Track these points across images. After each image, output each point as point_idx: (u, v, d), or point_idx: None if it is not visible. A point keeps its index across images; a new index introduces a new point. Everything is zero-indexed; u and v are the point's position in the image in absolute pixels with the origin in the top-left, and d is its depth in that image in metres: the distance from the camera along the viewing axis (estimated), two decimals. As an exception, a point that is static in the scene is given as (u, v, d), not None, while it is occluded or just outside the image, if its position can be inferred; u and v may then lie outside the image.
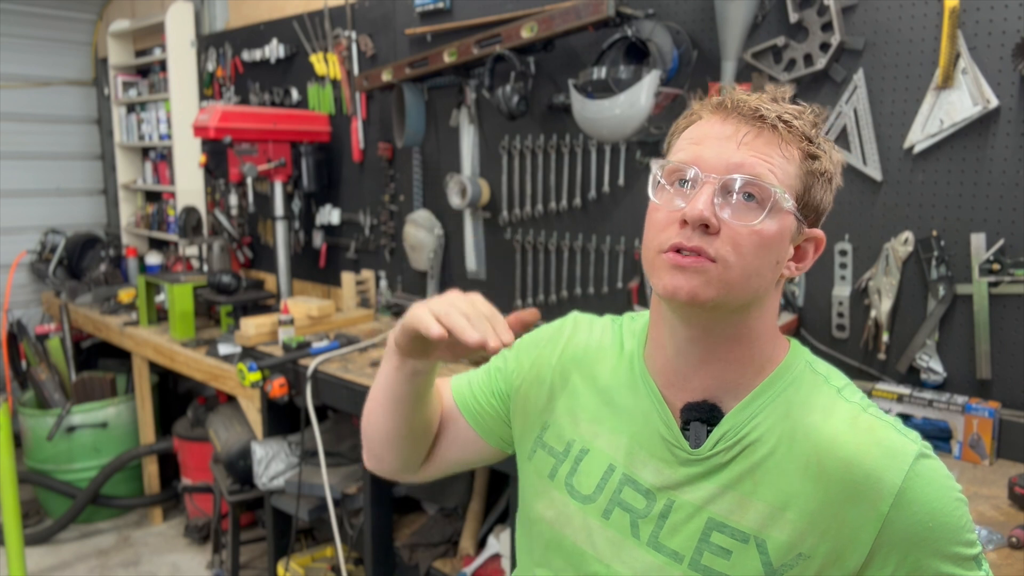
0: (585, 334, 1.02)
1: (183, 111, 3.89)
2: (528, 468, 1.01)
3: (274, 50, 3.42)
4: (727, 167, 0.79)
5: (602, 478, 0.91)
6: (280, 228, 3.18)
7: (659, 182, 0.84)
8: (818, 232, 0.85)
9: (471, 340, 0.79)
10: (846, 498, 0.78)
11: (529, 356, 1.04)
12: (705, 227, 0.78)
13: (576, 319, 1.06)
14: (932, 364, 1.76)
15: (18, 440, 3.61)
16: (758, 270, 0.80)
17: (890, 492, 0.76)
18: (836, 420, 0.81)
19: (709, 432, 0.85)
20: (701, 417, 0.85)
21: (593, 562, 0.90)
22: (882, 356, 1.84)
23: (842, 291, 1.90)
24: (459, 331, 0.80)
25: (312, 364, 2.43)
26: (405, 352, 0.92)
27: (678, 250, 0.79)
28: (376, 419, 1.03)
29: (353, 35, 3.09)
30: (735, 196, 0.79)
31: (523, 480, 1.03)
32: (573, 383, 0.98)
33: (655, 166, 0.85)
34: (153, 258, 4.14)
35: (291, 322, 2.68)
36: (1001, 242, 1.66)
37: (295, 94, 3.40)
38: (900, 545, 0.76)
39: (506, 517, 2.37)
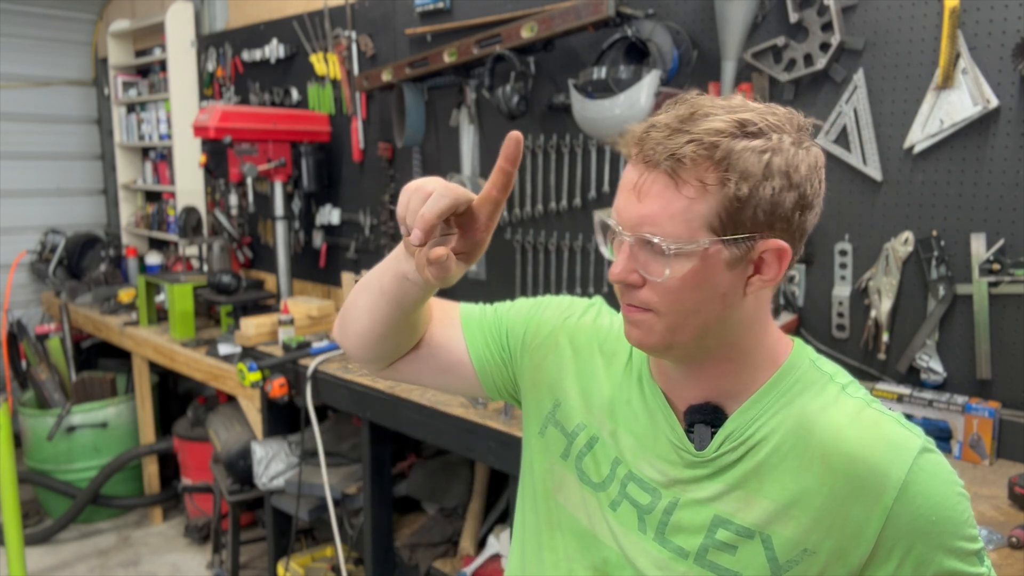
0: (608, 320, 1.01)
1: (183, 111, 3.89)
2: (539, 444, 1.00)
3: (274, 50, 3.42)
4: (632, 223, 0.78)
5: (611, 470, 0.92)
6: (280, 228, 3.18)
7: (604, 233, 0.85)
8: (773, 243, 0.78)
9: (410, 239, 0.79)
10: (850, 492, 0.78)
11: (550, 322, 1.03)
12: (631, 284, 0.81)
13: (602, 304, 1.05)
14: (932, 364, 1.76)
15: (18, 440, 3.61)
16: (695, 308, 0.79)
17: (894, 485, 0.76)
18: (840, 416, 0.82)
19: (713, 434, 0.85)
20: (704, 419, 0.86)
21: (604, 547, 0.91)
22: (882, 356, 1.84)
23: (842, 291, 1.90)
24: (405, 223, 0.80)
25: (312, 364, 2.43)
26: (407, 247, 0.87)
27: None
28: (358, 301, 0.98)
29: (353, 35, 3.09)
30: (647, 248, 0.78)
31: (531, 455, 1.02)
32: (592, 365, 0.97)
33: (596, 218, 0.86)
34: (153, 258, 4.14)
35: (291, 322, 2.68)
36: (1001, 242, 1.66)
37: (295, 94, 3.40)
38: (904, 539, 0.77)
39: (506, 517, 2.37)
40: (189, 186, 3.95)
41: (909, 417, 1.70)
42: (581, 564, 0.93)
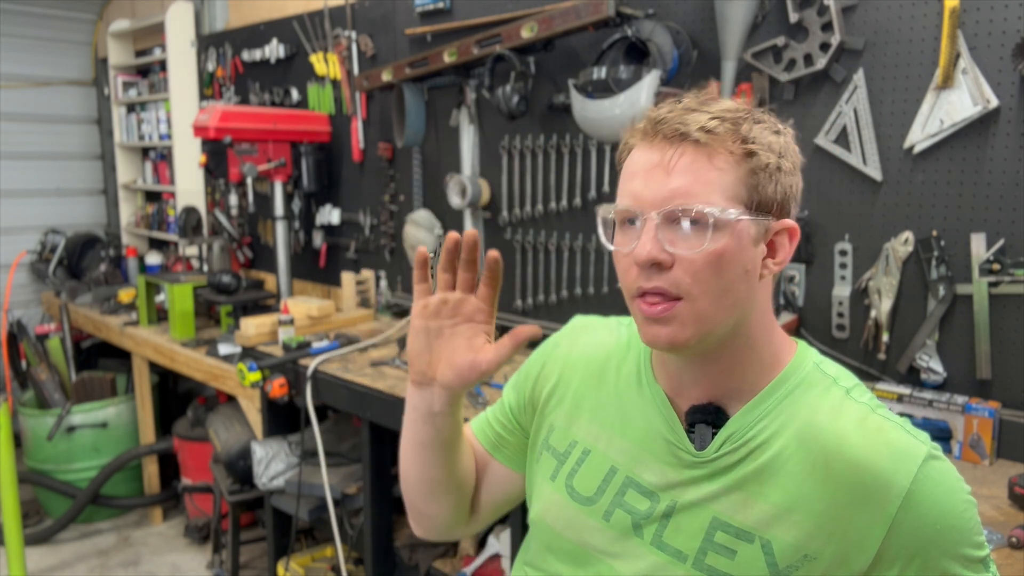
0: (589, 338, 1.02)
1: (183, 111, 3.89)
2: (535, 471, 1.01)
3: (274, 50, 3.42)
4: (662, 199, 0.78)
5: (603, 480, 0.91)
6: (280, 228, 3.18)
7: (611, 227, 0.84)
8: (787, 223, 0.82)
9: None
10: (853, 500, 0.77)
11: (536, 367, 1.05)
12: (660, 264, 0.78)
13: (579, 324, 1.07)
14: (932, 364, 1.76)
15: (18, 440, 3.61)
16: (725, 288, 0.79)
17: (898, 494, 0.75)
18: (844, 421, 0.81)
19: (714, 435, 0.85)
20: (706, 419, 0.85)
21: (596, 562, 0.90)
22: (882, 356, 1.84)
23: (842, 291, 1.90)
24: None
25: (312, 364, 2.43)
26: (416, 381, 0.93)
27: (645, 295, 0.80)
28: (410, 472, 1.01)
29: (353, 35, 3.09)
30: (679, 225, 0.78)
31: (531, 483, 1.03)
32: (576, 386, 0.99)
33: (600, 213, 0.85)
34: (153, 258, 4.14)
35: (291, 322, 2.68)
36: (1001, 242, 1.66)
37: (295, 94, 3.40)
38: (907, 548, 0.76)
39: (506, 517, 2.37)
40: (189, 186, 3.95)
41: (909, 417, 1.71)
42: None
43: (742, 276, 0.79)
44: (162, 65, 4.08)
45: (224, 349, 2.92)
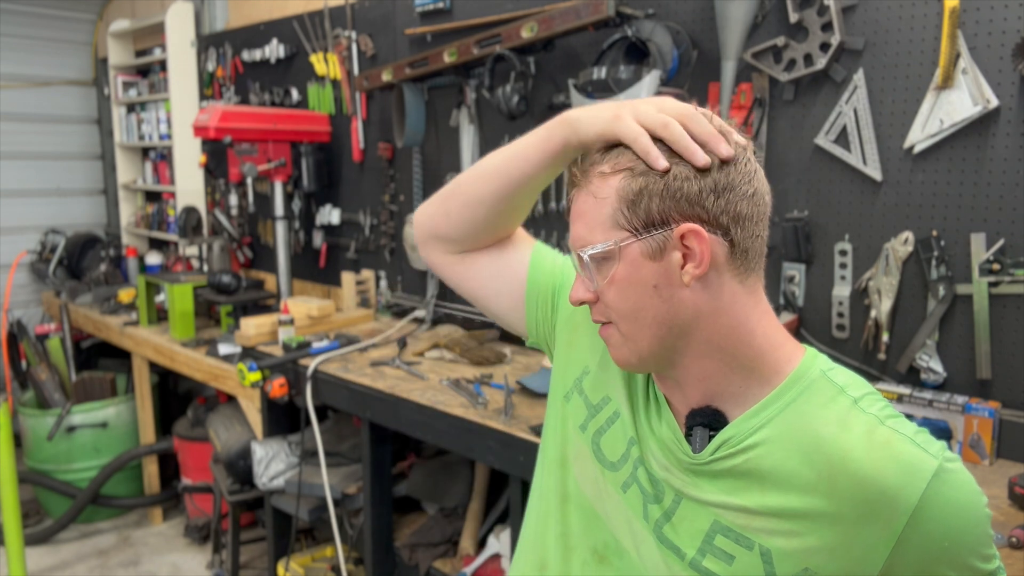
0: None
1: (183, 111, 3.89)
2: (564, 409, 1.01)
3: (274, 50, 3.42)
4: (573, 246, 0.86)
5: (626, 449, 0.92)
6: (280, 228, 3.18)
7: None
8: (685, 227, 0.78)
9: (700, 163, 0.78)
10: (859, 517, 0.75)
11: None
12: (589, 301, 0.87)
13: None
14: (932, 364, 1.76)
15: (18, 440, 3.61)
16: (637, 307, 0.82)
17: (905, 511, 0.73)
18: (851, 434, 0.78)
19: (711, 438, 0.84)
20: (704, 422, 0.85)
21: (604, 530, 0.91)
22: (882, 356, 1.84)
23: (842, 291, 1.90)
24: (688, 154, 0.79)
25: (312, 364, 2.43)
26: (569, 153, 0.94)
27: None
28: (481, 181, 1.02)
29: (353, 35, 3.09)
30: (582, 265, 0.85)
31: (554, 418, 1.03)
32: None
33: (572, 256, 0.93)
34: (153, 258, 4.15)
35: (291, 322, 2.68)
36: (1001, 242, 1.66)
37: (295, 94, 3.40)
38: (913, 564, 0.75)
39: (506, 517, 2.37)
40: (189, 186, 3.95)
41: (909, 417, 1.71)
42: (584, 543, 0.94)
43: (652, 292, 0.81)
44: (162, 65, 4.08)
45: (224, 349, 2.92)
